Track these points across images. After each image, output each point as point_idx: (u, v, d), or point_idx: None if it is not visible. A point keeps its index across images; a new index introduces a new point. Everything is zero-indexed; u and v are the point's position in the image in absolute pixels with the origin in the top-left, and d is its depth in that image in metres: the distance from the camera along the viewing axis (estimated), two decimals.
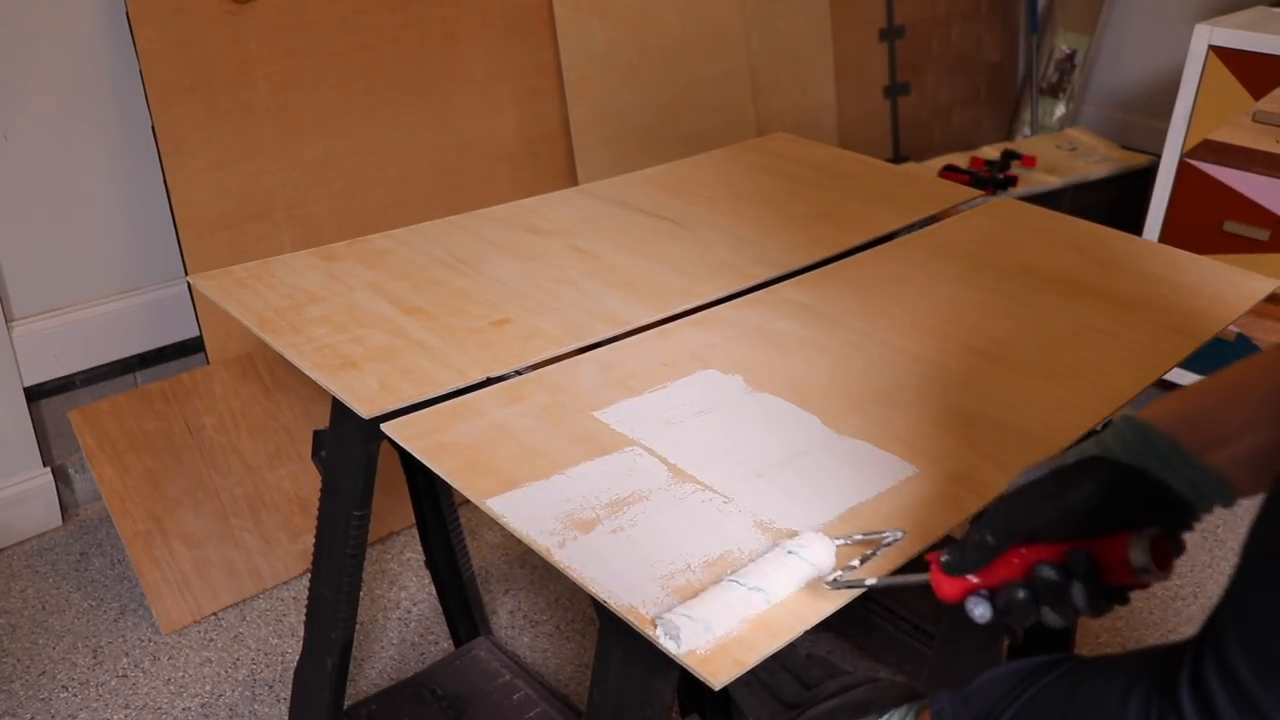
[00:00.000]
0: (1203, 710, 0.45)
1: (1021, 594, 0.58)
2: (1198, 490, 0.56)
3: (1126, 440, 0.57)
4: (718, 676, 0.68)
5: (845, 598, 0.75)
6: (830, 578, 0.72)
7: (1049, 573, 0.57)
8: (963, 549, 0.62)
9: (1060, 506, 0.58)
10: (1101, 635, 1.78)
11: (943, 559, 0.64)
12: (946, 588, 0.63)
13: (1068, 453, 0.62)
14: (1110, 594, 0.58)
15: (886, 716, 0.70)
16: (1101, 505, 0.57)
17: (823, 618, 0.74)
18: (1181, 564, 1.94)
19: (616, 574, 0.77)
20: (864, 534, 0.76)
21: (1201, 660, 0.46)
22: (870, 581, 0.71)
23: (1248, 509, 0.47)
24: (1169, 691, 0.47)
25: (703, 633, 0.69)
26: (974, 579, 0.61)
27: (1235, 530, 2.01)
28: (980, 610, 0.61)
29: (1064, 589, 0.57)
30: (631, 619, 0.73)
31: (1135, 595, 1.86)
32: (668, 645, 0.70)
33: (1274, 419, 0.55)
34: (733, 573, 0.75)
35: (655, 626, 0.70)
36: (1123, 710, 0.49)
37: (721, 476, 0.89)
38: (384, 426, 0.96)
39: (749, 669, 0.70)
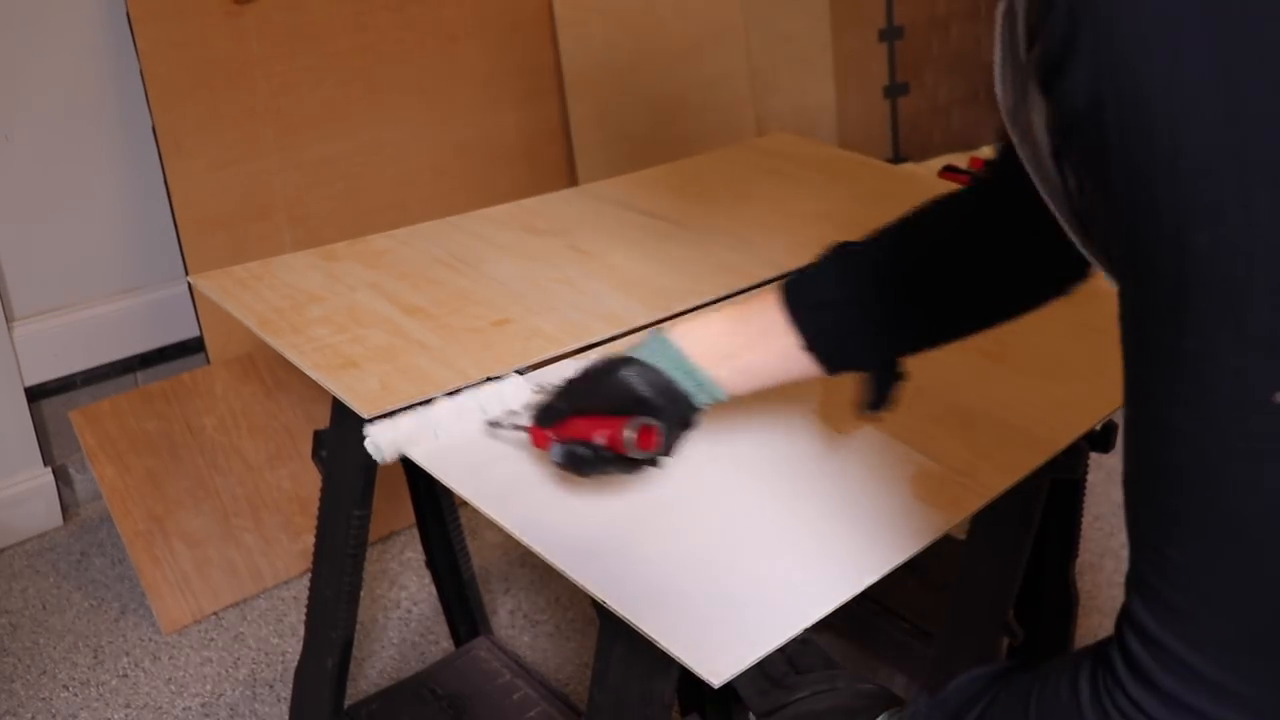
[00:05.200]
0: (1132, 670, 0.49)
1: (579, 450, 0.81)
2: (699, 385, 0.79)
3: (651, 347, 0.80)
4: (718, 674, 0.69)
5: (840, 595, 0.76)
6: (489, 418, 0.95)
7: (582, 450, 0.80)
8: (544, 412, 0.85)
9: (602, 392, 0.81)
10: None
11: (535, 417, 0.87)
12: (537, 437, 0.86)
13: (613, 351, 0.83)
14: (631, 461, 0.80)
15: None
16: (628, 391, 0.79)
17: (821, 616, 0.74)
18: None
19: (608, 570, 0.77)
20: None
21: (1121, 625, 0.51)
22: (493, 419, 0.94)
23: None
24: (1108, 661, 0.51)
25: (389, 429, 0.92)
26: (551, 434, 0.84)
27: None
28: (555, 456, 0.83)
29: (594, 460, 0.80)
30: (624, 612, 0.73)
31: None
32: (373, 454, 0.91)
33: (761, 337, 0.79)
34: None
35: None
36: (1074, 689, 0.52)
37: (721, 477, 0.89)
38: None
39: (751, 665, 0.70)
